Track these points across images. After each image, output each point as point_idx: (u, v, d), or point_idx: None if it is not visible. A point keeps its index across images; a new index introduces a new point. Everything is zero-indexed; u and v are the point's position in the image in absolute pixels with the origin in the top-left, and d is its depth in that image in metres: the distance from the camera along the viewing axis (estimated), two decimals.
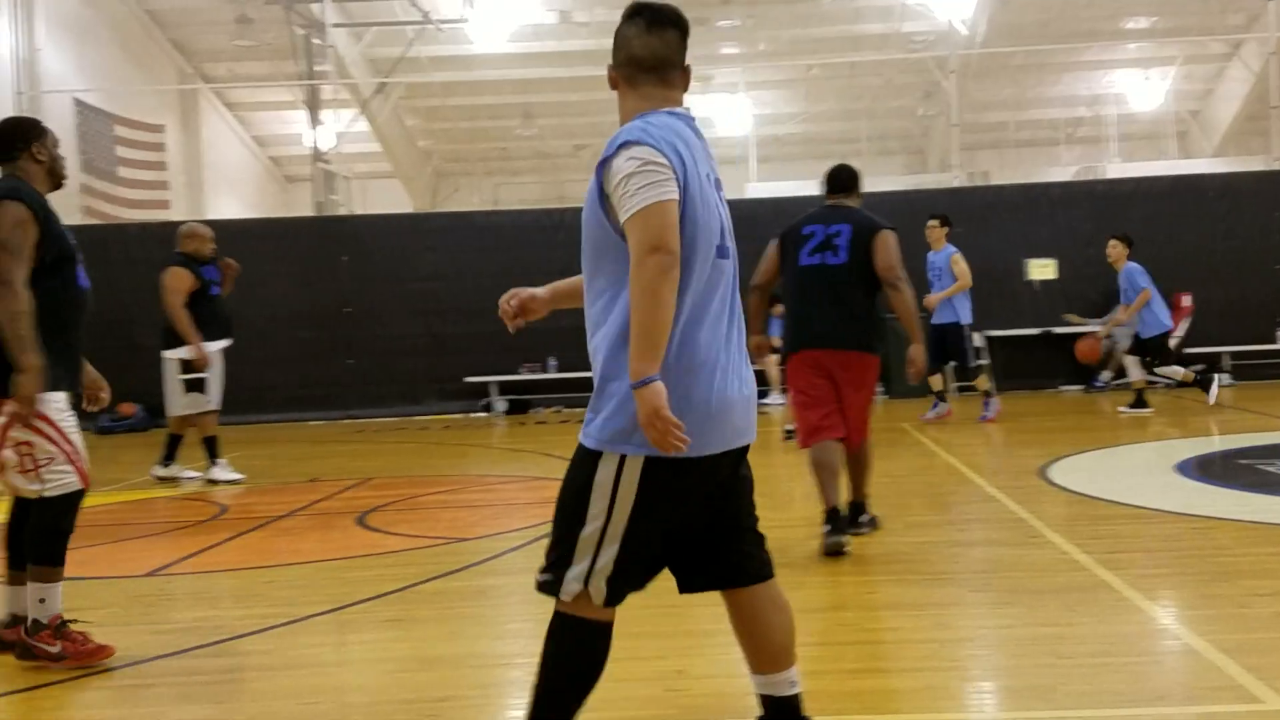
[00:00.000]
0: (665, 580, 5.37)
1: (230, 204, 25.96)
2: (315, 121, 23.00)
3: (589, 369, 2.87)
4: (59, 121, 18.33)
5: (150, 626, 4.90)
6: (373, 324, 15.53)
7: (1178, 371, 11.93)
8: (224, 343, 9.25)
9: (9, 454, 4.27)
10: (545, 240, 14.99)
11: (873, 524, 6.08)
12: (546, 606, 4.65)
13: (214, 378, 9.15)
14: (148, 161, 20.31)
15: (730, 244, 2.96)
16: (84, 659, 4.26)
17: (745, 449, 2.99)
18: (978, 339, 15.03)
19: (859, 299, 5.84)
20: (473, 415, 15.13)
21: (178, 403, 9.19)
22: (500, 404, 15.15)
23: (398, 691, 3.88)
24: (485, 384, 15.25)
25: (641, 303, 2.66)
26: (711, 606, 4.87)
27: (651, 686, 3.81)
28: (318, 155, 22.54)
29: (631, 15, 3.01)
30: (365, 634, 4.71)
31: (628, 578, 2.87)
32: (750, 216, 13.77)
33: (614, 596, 2.88)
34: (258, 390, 14.69)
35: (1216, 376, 12.18)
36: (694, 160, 2.83)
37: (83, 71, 19.68)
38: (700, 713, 3.62)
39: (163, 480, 9.31)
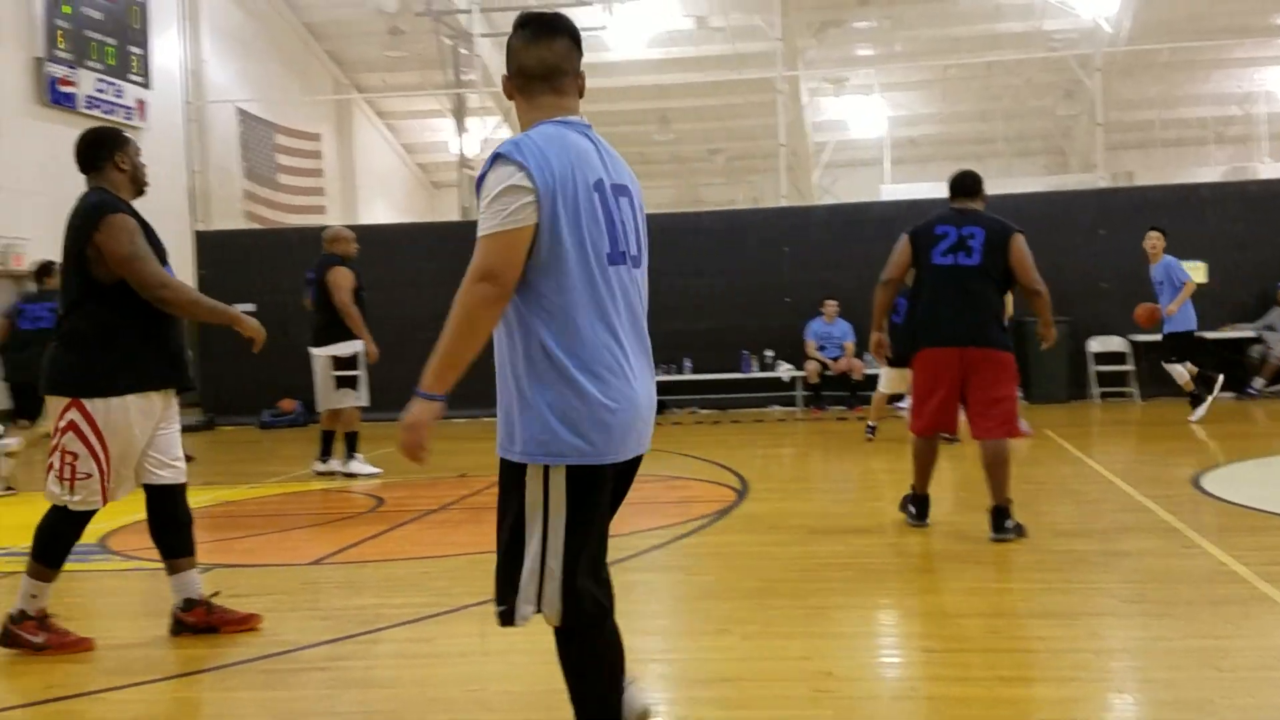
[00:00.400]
0: (810, 581, 5.33)
1: (381, 209, 26.73)
2: (461, 129, 23.54)
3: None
4: (223, 130, 19.16)
5: (313, 613, 5.08)
6: None
7: (1182, 375, 11.50)
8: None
9: (54, 458, 4.42)
10: (683, 243, 15.01)
11: (1019, 531, 5.93)
12: (691, 603, 4.70)
13: (363, 375, 9.43)
14: (305, 168, 21.05)
15: (634, 251, 2.89)
16: (66, 649, 4.45)
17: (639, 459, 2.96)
18: (1119, 343, 14.53)
19: (992, 299, 5.99)
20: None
21: (330, 398, 9.47)
22: None
23: (551, 681, 3.90)
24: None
25: (455, 326, 2.66)
26: (857, 610, 4.84)
27: (799, 687, 3.79)
28: (463, 161, 23.06)
29: (519, 26, 2.95)
30: (527, 625, 4.77)
31: (581, 590, 2.82)
32: (885, 218, 13.58)
33: (573, 613, 2.82)
34: (405, 388, 15.02)
35: (1211, 398, 11.60)
36: (576, 169, 2.77)
37: (245, 82, 20.51)
38: (849, 714, 3.58)
39: (323, 475, 9.61)
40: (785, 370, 14.76)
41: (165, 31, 18.20)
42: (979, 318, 5.89)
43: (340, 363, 9.36)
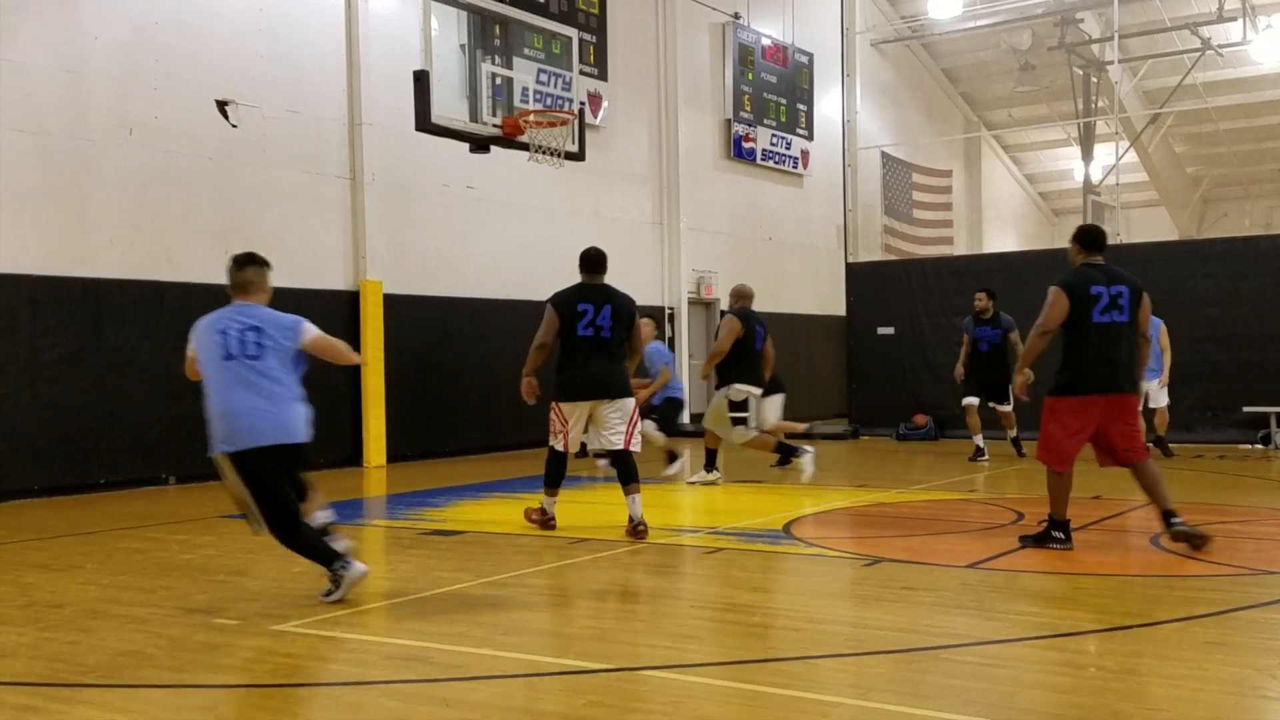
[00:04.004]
0: None
1: (1003, 239, 26.30)
2: (1088, 156, 22.46)
3: None
4: (867, 172, 20.06)
5: (979, 612, 5.20)
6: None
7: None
8: None
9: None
10: None
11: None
12: None
13: None
14: (937, 203, 21.37)
15: (249, 353, 5.30)
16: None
17: (292, 449, 5.32)
18: None
19: (1138, 349, 6.56)
20: (1247, 447, 13.64)
21: None
22: None
23: (1230, 710, 3.71)
24: (1265, 415, 13.68)
25: None
26: None
27: None
28: (1089, 188, 21.98)
29: (231, 261, 5.60)
30: (1183, 652, 4.53)
31: (273, 517, 5.27)
32: None
33: (271, 528, 5.29)
34: (1029, 407, 14.70)
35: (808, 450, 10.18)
36: (216, 325, 5.40)
37: (887, 128, 21.30)
38: None
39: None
40: None
41: (828, 89, 19.49)
42: (1134, 365, 6.49)
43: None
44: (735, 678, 4.17)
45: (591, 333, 7.25)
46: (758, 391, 9.92)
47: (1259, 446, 13.56)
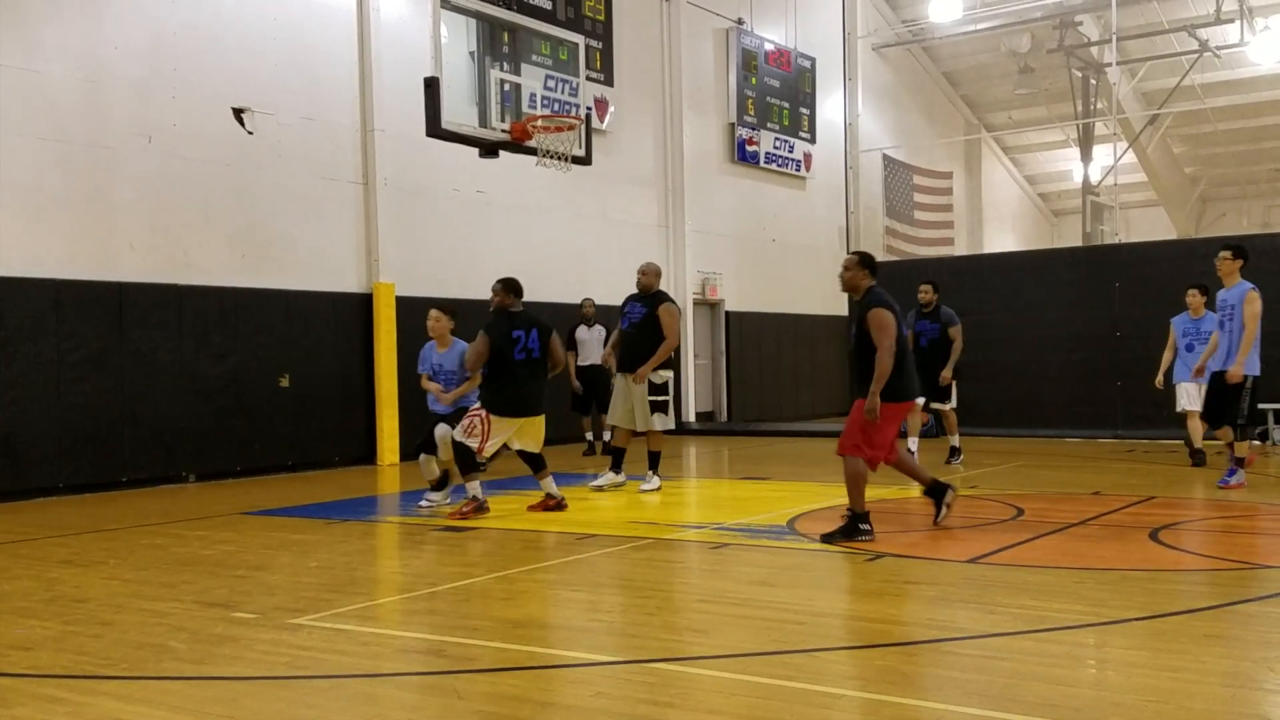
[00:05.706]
0: None
1: (1004, 239, 26.25)
2: (1087, 157, 22.41)
3: None
4: (870, 174, 20.02)
5: (983, 606, 5.19)
6: (1144, 348, 14.66)
7: None
8: None
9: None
10: None
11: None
12: None
13: None
14: (938, 204, 21.34)
15: None
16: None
17: None
18: None
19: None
20: (1246, 443, 13.57)
21: None
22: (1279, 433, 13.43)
23: (1233, 704, 3.70)
24: (1262, 412, 13.61)
25: None
26: None
27: None
28: (1088, 188, 21.93)
29: None
30: (1182, 645, 4.52)
31: None
32: None
33: None
34: (1028, 405, 14.72)
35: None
36: None
37: (888, 131, 21.26)
38: None
39: None
40: None
41: (830, 93, 19.47)
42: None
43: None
44: (741, 670, 4.18)
45: (524, 356, 8.05)
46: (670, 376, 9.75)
47: (1257, 443, 13.50)
